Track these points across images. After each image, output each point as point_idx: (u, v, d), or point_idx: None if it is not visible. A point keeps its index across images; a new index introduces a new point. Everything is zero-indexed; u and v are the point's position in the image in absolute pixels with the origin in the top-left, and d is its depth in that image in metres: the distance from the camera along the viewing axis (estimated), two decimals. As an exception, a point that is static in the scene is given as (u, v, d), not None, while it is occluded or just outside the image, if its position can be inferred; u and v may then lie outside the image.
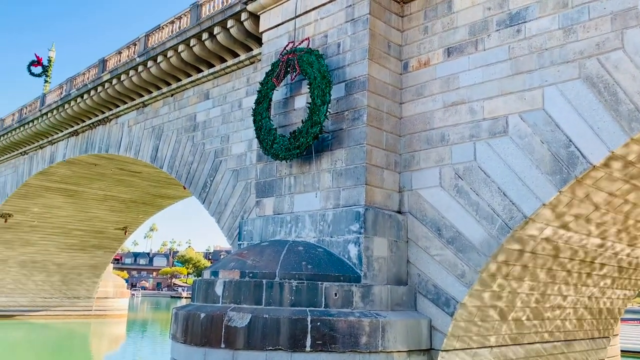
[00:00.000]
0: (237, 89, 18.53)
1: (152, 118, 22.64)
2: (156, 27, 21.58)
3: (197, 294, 11.72)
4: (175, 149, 20.86)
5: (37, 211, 36.47)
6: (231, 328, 10.14)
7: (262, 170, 14.11)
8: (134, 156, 23.48)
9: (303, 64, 12.77)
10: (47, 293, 42.76)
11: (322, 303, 10.48)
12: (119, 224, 40.76)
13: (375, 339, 10.33)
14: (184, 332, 10.82)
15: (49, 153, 30.89)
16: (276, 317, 10.05)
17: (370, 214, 11.43)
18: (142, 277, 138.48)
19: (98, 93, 24.40)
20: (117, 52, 24.11)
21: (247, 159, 17.27)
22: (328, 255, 11.41)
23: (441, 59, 12.44)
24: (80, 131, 27.88)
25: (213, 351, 10.24)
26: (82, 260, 42.60)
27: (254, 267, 10.99)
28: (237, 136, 18.02)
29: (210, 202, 18.53)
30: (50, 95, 29.84)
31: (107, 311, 45.86)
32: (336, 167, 12.31)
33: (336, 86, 12.70)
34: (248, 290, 10.68)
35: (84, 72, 26.54)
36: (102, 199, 36.36)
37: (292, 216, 12.81)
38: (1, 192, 35.69)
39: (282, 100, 13.98)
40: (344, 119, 12.45)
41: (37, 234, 38.66)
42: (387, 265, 11.55)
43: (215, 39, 18.10)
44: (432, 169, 12.02)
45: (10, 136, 32.82)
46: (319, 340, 9.95)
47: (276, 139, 12.99)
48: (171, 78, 21.09)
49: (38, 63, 39.38)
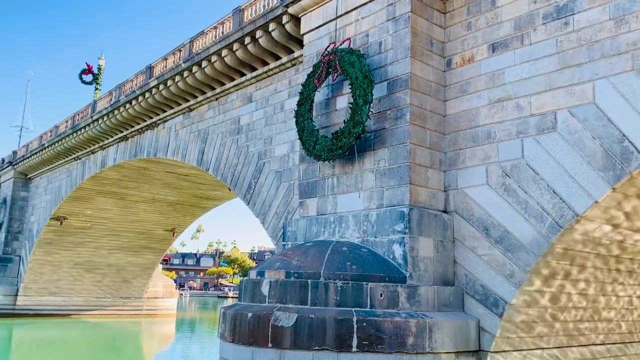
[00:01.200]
0: (279, 92, 18.72)
1: (198, 122, 23.16)
2: (200, 33, 22.05)
3: (244, 294, 11.91)
4: (220, 152, 21.26)
5: (90, 214, 37.89)
6: (278, 328, 10.25)
7: (304, 171, 14.20)
8: (181, 159, 24.06)
9: (344, 64, 12.78)
10: (100, 293, 44.35)
11: (367, 303, 10.45)
12: (167, 225, 41.84)
13: (422, 339, 10.22)
14: (232, 332, 11.01)
15: (100, 158, 32.05)
16: (322, 317, 10.10)
17: (415, 214, 11.32)
18: (189, 277, 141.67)
19: (146, 99, 25.14)
20: (163, 58, 24.77)
21: (290, 161, 17.42)
22: (372, 256, 11.38)
23: (486, 55, 12.20)
24: (129, 136, 28.80)
25: (261, 350, 10.38)
26: (132, 261, 43.97)
27: (299, 268, 11.08)
28: (280, 138, 18.20)
29: (254, 203, 18.79)
30: (100, 102, 30.95)
31: (157, 310, 47.13)
32: (379, 167, 12.25)
33: (378, 85, 12.65)
34: (294, 290, 10.77)
35: (132, 78, 27.38)
36: (151, 202, 37.42)
37: (335, 216, 12.84)
38: (57, 196, 37.26)
39: (323, 101, 14.03)
40: (386, 118, 12.38)
41: (91, 236, 40.15)
42: (433, 265, 11.41)
43: (257, 42, 18.34)
44: (479, 167, 11.80)
45: (65, 142, 34.22)
46: (365, 341, 9.93)
47: (318, 139, 13.05)
48: (215, 82, 21.51)
49: (89, 71, 40.98)
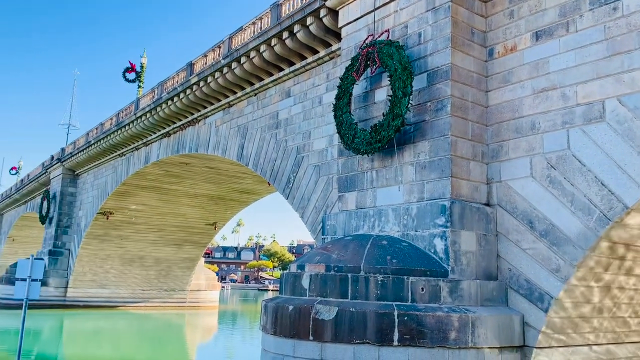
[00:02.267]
0: (317, 86, 18.74)
1: (237, 117, 23.44)
2: (239, 29, 22.28)
3: (284, 287, 12.02)
4: (259, 147, 21.47)
5: (135, 209, 38.98)
6: (319, 321, 10.31)
7: (343, 165, 14.17)
8: (222, 155, 24.44)
9: (383, 56, 12.67)
10: (145, 285, 45.63)
11: (408, 298, 10.38)
12: (209, 219, 42.62)
13: (465, 334, 10.09)
14: (274, 324, 11.14)
15: (144, 154, 32.89)
16: (362, 311, 10.09)
17: (457, 207, 11.15)
18: (230, 270, 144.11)
19: (187, 95, 25.61)
20: (203, 55, 25.16)
21: (329, 154, 17.43)
22: (413, 250, 11.28)
23: (529, 44, 11.86)
24: (171, 132, 29.43)
25: (302, 343, 10.47)
26: (176, 254, 45.03)
27: (338, 261, 11.09)
28: (318, 132, 18.24)
29: (293, 198, 18.91)
30: (143, 100, 31.72)
31: (200, 303, 48.16)
32: (419, 160, 12.11)
33: (418, 77, 12.48)
34: (334, 283, 10.80)
35: (173, 76, 27.93)
36: (193, 196, 38.19)
37: (374, 210, 12.78)
38: (103, 192, 38.49)
39: (362, 94, 13.96)
40: (426, 110, 12.22)
41: (135, 230, 41.33)
42: (475, 259, 11.23)
43: (295, 37, 18.39)
44: (522, 159, 11.52)
45: (109, 139, 35.27)
46: (406, 335, 9.88)
47: (357, 133, 13.00)
48: (254, 78, 21.71)
49: (132, 69, 42.01)
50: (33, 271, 13.98)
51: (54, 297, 40.96)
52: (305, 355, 10.38)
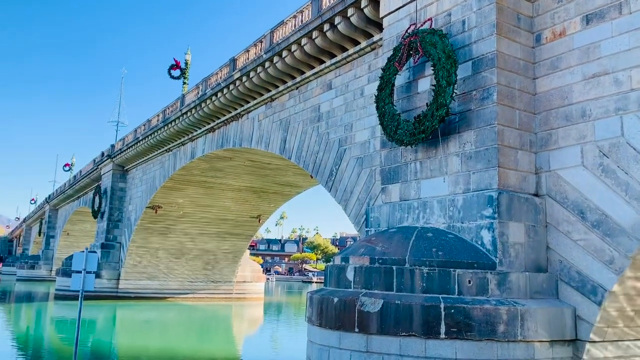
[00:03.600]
0: (359, 77, 18.64)
1: (280, 111, 23.62)
2: (280, 23, 22.39)
3: (329, 279, 12.08)
4: (301, 140, 21.58)
5: (182, 203, 39.94)
6: (364, 313, 10.32)
7: (386, 156, 14.07)
8: (264, 148, 24.70)
9: (426, 45, 12.48)
10: (193, 277, 46.77)
11: (455, 290, 10.25)
12: (253, 212, 43.22)
13: (514, 327, 9.88)
14: (319, 316, 11.22)
15: (190, 149, 33.62)
16: (408, 304, 10.03)
17: (504, 198, 10.91)
18: (275, 263, 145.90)
19: (230, 91, 25.98)
20: (245, 50, 25.43)
21: (371, 146, 17.34)
22: (459, 242, 11.11)
23: (579, 28, 11.42)
24: (216, 127, 29.95)
25: (347, 335, 10.51)
26: (222, 247, 45.92)
27: (383, 254, 11.05)
28: (360, 124, 18.16)
29: (336, 190, 18.93)
30: (188, 96, 32.38)
31: (246, 294, 48.98)
32: (465, 150, 11.90)
33: (462, 65, 12.24)
34: (378, 276, 10.78)
35: (217, 71, 28.37)
36: (237, 190, 38.79)
37: (419, 202, 12.65)
38: (151, 186, 39.60)
39: (404, 85, 13.80)
40: (471, 99, 11.97)
41: (183, 223, 42.35)
42: (524, 251, 10.96)
43: (336, 29, 18.34)
44: (573, 148, 11.13)
45: (157, 135, 36.20)
46: (453, 328, 9.76)
47: (400, 124, 12.87)
48: (295, 71, 21.79)
49: (177, 66, 42.99)
50: (87, 264, 14.55)
51: (107, 289, 42.51)
52: (351, 346, 10.42)
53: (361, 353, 10.27)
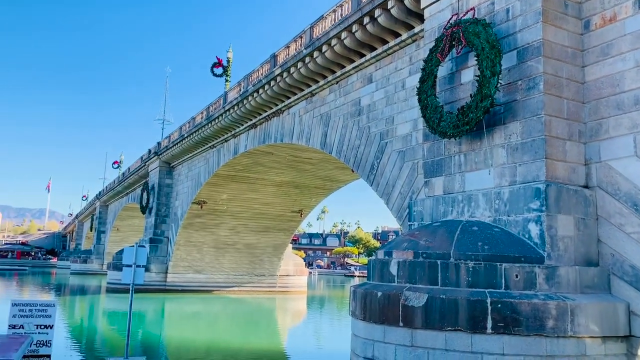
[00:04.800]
0: (400, 70, 18.47)
1: (320, 106, 23.67)
2: (319, 18, 22.40)
3: (372, 273, 12.08)
4: (342, 134, 21.58)
5: (226, 198, 40.66)
6: (408, 307, 10.28)
7: (429, 149, 13.92)
8: (305, 143, 24.83)
9: (469, 35, 12.24)
10: (238, 271, 47.60)
11: (501, 284, 10.07)
12: (295, 207, 43.57)
13: (564, 323, 9.63)
14: (363, 310, 11.25)
15: (233, 145, 34.15)
16: (454, 298, 9.93)
17: (553, 190, 10.62)
18: (317, 257, 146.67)
19: (271, 87, 26.21)
20: (285, 46, 25.58)
21: (413, 139, 17.18)
22: (506, 235, 10.90)
23: (631, 12, 10.96)
24: (258, 123, 30.30)
25: (392, 329, 10.50)
26: (265, 241, 46.53)
27: (427, 248, 10.97)
28: (402, 117, 18.00)
29: (378, 184, 18.86)
30: (230, 93, 32.87)
31: (289, 288, 49.50)
32: (510, 142, 11.64)
33: (506, 55, 11.96)
34: (423, 270, 10.71)
35: (258, 68, 28.67)
36: (279, 185, 39.18)
37: (463, 195, 12.47)
38: (196, 182, 40.48)
39: (447, 76, 13.60)
40: (517, 90, 11.69)
41: (227, 218, 43.13)
42: (574, 244, 10.65)
43: (376, 21, 18.21)
44: (625, 137, 10.72)
45: (201, 132, 36.93)
46: (500, 323, 9.60)
47: (443, 116, 12.70)
48: (336, 66, 21.78)
49: (219, 64, 43.62)
50: (137, 258, 15.04)
51: (156, 282, 43.78)
52: (395, 340, 10.41)
53: (406, 347, 10.24)
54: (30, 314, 9.65)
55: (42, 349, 9.57)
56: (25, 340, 7.77)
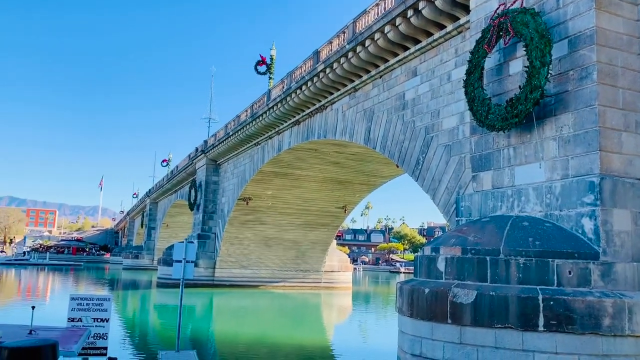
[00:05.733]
0: (445, 62, 18.15)
1: (363, 101, 23.56)
2: (362, 12, 22.28)
3: (419, 269, 11.96)
4: (386, 129, 21.42)
5: (270, 194, 41.13)
6: (456, 304, 10.12)
7: (477, 143, 13.64)
8: (349, 139, 24.79)
9: (517, 25, 11.90)
10: (283, 266, 48.11)
11: (553, 281, 9.77)
12: (339, 203, 43.60)
13: (621, 321, 9.26)
14: (410, 306, 11.15)
15: (277, 142, 34.48)
16: (504, 295, 9.71)
17: (608, 184, 10.21)
18: (361, 253, 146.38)
19: (314, 83, 26.28)
20: (328, 42, 25.58)
21: (460, 133, 16.87)
22: (558, 231, 10.57)
23: (693, -6, 10.38)
24: (301, 120, 30.47)
25: (440, 326, 10.37)
26: (309, 237, 46.81)
27: (475, 244, 10.76)
28: (448, 110, 17.70)
29: (423, 179, 18.62)
30: (274, 90, 33.17)
31: (334, 284, 49.63)
32: (562, 134, 11.25)
33: (557, 44, 11.56)
34: (471, 266, 10.52)
35: (301, 65, 28.80)
36: (323, 181, 39.30)
37: (513, 190, 12.16)
38: (242, 179, 41.12)
39: (495, 68, 13.27)
40: (568, 80, 11.28)
41: (272, 214, 43.62)
42: (631, 240, 10.22)
43: (420, 14, 17.96)
44: (687, 127, 10.17)
45: (245, 130, 37.47)
46: (553, 320, 9.32)
47: (491, 109, 12.41)
48: (379, 60, 21.62)
49: (262, 62, 44.12)
50: (187, 254, 15.42)
51: (204, 277, 44.80)
52: (443, 338, 10.28)
53: (455, 344, 10.10)
54: (88, 308, 10.05)
55: (99, 341, 9.96)
56: (83, 332, 8.11)
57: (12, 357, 4.27)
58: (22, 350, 4.29)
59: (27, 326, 7.88)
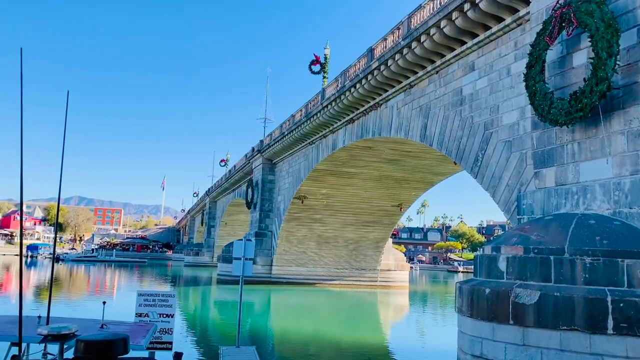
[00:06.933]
0: (504, 56, 17.64)
1: (419, 98, 23.27)
2: (417, 8, 21.99)
3: (479, 269, 11.70)
4: (443, 126, 21.06)
5: (325, 192, 41.34)
6: (519, 305, 9.84)
7: (539, 138, 13.19)
8: (404, 136, 24.54)
9: (581, 15, 11.42)
10: (338, 264, 48.27)
11: (623, 282, 9.31)
12: (395, 201, 43.25)
13: (700, 326, 8.71)
14: (470, 307, 10.94)
15: (331, 141, 34.60)
16: (569, 296, 9.35)
17: (683, 179, 9.62)
18: (418, 251, 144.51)
19: (368, 81, 26.19)
20: (382, 39, 25.42)
21: (521, 128, 16.35)
22: (627, 229, 10.07)
23: None
24: (355, 118, 30.44)
25: (501, 327, 10.12)
26: (365, 235, 46.72)
27: (538, 243, 10.42)
28: (507, 105, 17.20)
29: (482, 177, 18.19)
30: (328, 89, 33.29)
31: (390, 282, 49.30)
32: (632, 128, 10.71)
33: (624, 34, 11.01)
34: (534, 266, 10.19)
35: (355, 63, 28.76)
36: (378, 179, 39.10)
37: (578, 187, 11.68)
38: (297, 178, 41.56)
39: (557, 60, 12.79)
40: (638, 71, 10.72)
41: (327, 212, 43.85)
42: None
43: (477, 7, 17.54)
44: None
45: (300, 129, 37.83)
46: (623, 323, 8.89)
47: (553, 103, 11.98)
48: (435, 55, 21.28)
49: (317, 62, 44.42)
50: (246, 251, 15.77)
51: (262, 274, 45.64)
52: (505, 339, 10.02)
53: (517, 346, 9.83)
54: (154, 304, 10.49)
55: (165, 336, 10.37)
56: (151, 327, 8.47)
57: (88, 350, 4.53)
58: (97, 343, 4.55)
59: (99, 320, 8.32)
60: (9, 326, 7.28)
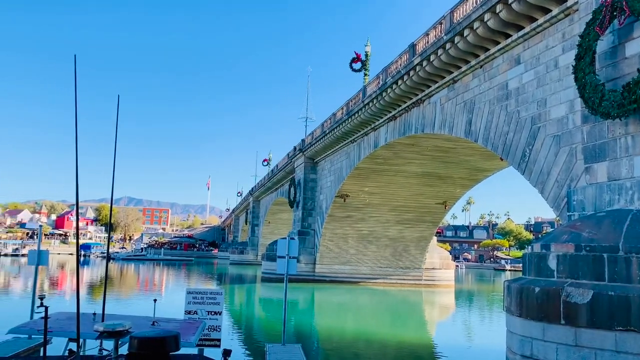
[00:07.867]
0: (551, 48, 17.11)
1: (463, 93, 22.85)
2: (460, 1, 21.59)
3: (528, 267, 11.41)
4: (488, 121, 20.61)
5: (368, 190, 41.17)
6: (570, 304, 9.54)
7: (589, 132, 12.73)
8: (448, 132, 24.15)
9: (634, 3, 10.98)
10: (382, 263, 48.01)
11: (684, 281, 8.89)
12: (439, 198, 42.65)
13: None
14: (519, 306, 10.68)
15: (373, 139, 34.43)
16: (624, 295, 9.00)
17: None
18: (463, 250, 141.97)
19: (410, 77, 25.91)
20: (424, 34, 25.09)
21: (570, 122, 15.83)
22: (687, 225, 9.59)
23: None
24: (397, 115, 30.18)
25: (552, 327, 9.84)
26: (409, 233, 46.26)
27: (590, 240, 10.07)
28: (556, 98, 16.68)
29: (530, 172, 17.71)
30: (369, 87, 33.13)
31: (435, 281, 48.66)
32: (691, 119, 10.19)
33: (683, 21, 10.48)
34: (586, 264, 9.86)
35: (396, 59, 28.51)
36: (421, 176, 38.64)
37: (632, 182, 11.22)
38: (339, 176, 41.56)
39: (608, 51, 12.30)
40: (697, 59, 10.19)
41: (369, 210, 43.67)
42: None
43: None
44: None
45: (342, 127, 37.80)
46: (684, 325, 8.49)
47: (605, 95, 11.54)
48: (479, 49, 20.86)
49: (357, 59, 44.28)
50: (290, 250, 15.90)
51: (305, 273, 45.91)
52: (556, 339, 9.74)
53: (569, 347, 9.53)
54: (202, 301, 10.73)
55: (213, 333, 10.59)
56: (199, 325, 8.66)
57: (141, 347, 4.68)
58: (150, 340, 4.69)
59: (151, 318, 8.57)
60: (67, 322, 7.61)
